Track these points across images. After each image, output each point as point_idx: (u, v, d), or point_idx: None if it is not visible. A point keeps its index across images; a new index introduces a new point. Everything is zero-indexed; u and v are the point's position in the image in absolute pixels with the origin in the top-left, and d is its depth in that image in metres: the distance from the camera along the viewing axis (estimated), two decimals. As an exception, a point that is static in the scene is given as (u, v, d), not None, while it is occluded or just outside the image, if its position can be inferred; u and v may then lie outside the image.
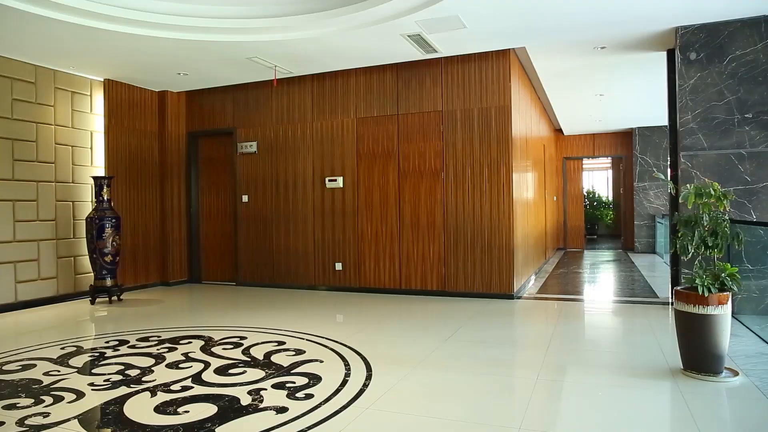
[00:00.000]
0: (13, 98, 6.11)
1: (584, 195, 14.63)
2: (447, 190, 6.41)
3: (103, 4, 4.94)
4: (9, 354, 4.15)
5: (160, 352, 4.12)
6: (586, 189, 16.25)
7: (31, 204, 6.26)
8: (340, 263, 6.95)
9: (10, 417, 2.85)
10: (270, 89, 7.37)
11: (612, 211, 16.14)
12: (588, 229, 15.56)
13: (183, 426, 2.68)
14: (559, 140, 12.84)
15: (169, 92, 7.80)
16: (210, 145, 8.02)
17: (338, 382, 3.34)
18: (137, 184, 7.46)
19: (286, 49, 5.95)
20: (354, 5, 5.05)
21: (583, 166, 13.52)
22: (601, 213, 16.02)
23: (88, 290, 6.58)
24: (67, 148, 6.66)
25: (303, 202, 7.19)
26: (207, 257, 8.04)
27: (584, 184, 14.68)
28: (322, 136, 7.09)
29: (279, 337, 4.54)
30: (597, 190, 17.04)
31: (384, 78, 6.71)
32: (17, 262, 6.10)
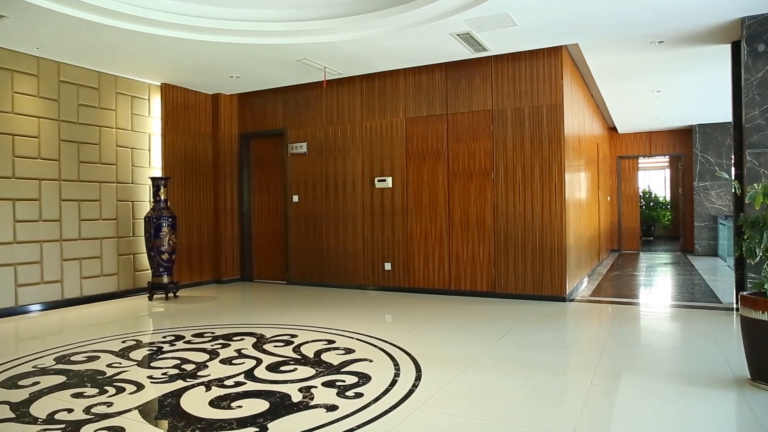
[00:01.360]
0: (79, 103, 6.41)
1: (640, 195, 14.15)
2: (497, 189, 6.33)
3: (160, 11, 5.12)
4: (76, 345, 4.36)
5: (214, 347, 4.23)
6: (642, 189, 15.71)
7: (94, 204, 6.55)
8: (389, 263, 6.97)
9: (78, 405, 2.99)
10: (320, 90, 7.46)
11: (670, 211, 15.55)
12: (644, 231, 15.04)
13: (236, 420, 2.74)
14: (613, 139, 12.46)
15: (222, 95, 8.01)
16: (261, 146, 8.18)
17: (388, 381, 3.35)
18: (192, 184, 7.70)
19: (335, 50, 6.01)
20: (402, 5, 5.05)
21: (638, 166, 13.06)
22: (658, 214, 15.45)
23: (146, 287, 6.83)
24: (127, 150, 6.94)
25: (352, 202, 7.25)
26: (258, 256, 8.21)
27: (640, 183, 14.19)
28: (371, 136, 7.13)
29: (329, 336, 4.58)
30: (653, 190, 16.43)
31: (433, 77, 6.69)
32: (82, 258, 6.40)
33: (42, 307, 6.00)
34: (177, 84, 7.44)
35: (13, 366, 3.82)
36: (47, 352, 4.17)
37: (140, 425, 2.71)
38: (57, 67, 6.20)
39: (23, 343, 4.68)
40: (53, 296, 6.13)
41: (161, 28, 5.30)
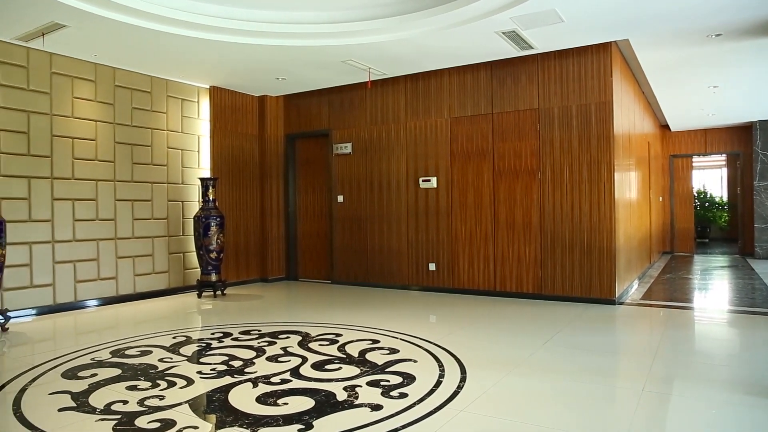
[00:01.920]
0: (133, 107, 6.64)
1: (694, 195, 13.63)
2: (544, 189, 6.21)
3: (209, 16, 5.25)
4: (130, 340, 4.52)
5: (260, 345, 4.31)
6: (697, 189, 15.13)
7: (146, 203, 6.78)
8: (433, 263, 6.94)
9: (132, 397, 3.10)
10: (364, 91, 7.50)
11: (727, 212, 14.92)
12: (698, 232, 14.47)
13: (283, 417, 2.78)
14: (665, 137, 12.05)
15: (269, 97, 8.15)
16: (307, 146, 8.29)
17: (432, 382, 3.33)
18: (239, 184, 7.86)
19: (380, 51, 6.02)
20: (447, 4, 5.02)
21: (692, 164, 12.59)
22: (714, 215, 14.85)
23: (195, 284, 7.02)
24: (177, 152, 7.15)
25: (397, 202, 7.25)
26: (303, 255, 8.31)
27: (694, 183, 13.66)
28: (415, 136, 7.12)
29: (373, 336, 4.60)
30: (709, 189, 15.79)
31: (478, 76, 6.62)
32: (135, 256, 6.64)
33: (98, 303, 6.25)
34: (225, 86, 7.62)
35: (73, 357, 3.99)
36: (103, 346, 4.33)
37: (190, 419, 2.78)
38: (113, 72, 6.44)
39: (82, 336, 4.88)
40: (108, 292, 6.37)
41: (210, 33, 5.44)
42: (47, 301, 5.83)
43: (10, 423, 2.79)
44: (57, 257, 5.91)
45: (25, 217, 5.65)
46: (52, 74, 5.91)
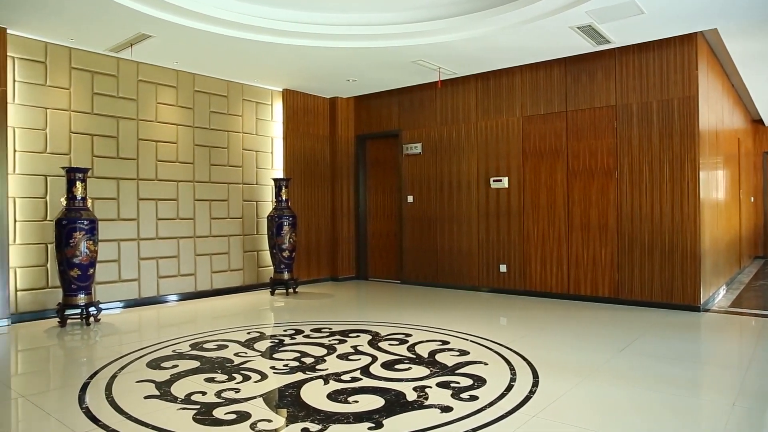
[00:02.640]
0: (211, 111, 6.93)
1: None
2: (621, 189, 5.96)
3: (282, 21, 5.40)
4: (207, 334, 4.71)
5: (331, 343, 4.38)
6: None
7: (223, 203, 7.05)
8: (504, 265, 6.81)
9: (210, 389, 3.23)
10: (434, 91, 7.47)
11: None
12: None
13: (353, 414, 2.81)
14: (758, 132, 11.26)
15: (339, 98, 8.28)
16: (377, 147, 8.35)
17: (503, 386, 3.26)
18: (311, 185, 8.03)
19: (450, 50, 5.98)
20: (518, 1, 4.92)
21: (788, 162, 11.68)
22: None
23: (268, 282, 7.23)
24: (252, 153, 7.39)
25: (467, 202, 7.17)
26: (373, 255, 8.38)
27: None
28: (486, 135, 7.01)
29: (443, 337, 4.56)
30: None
31: (551, 74, 6.44)
32: (212, 254, 6.92)
33: (178, 298, 6.56)
34: (297, 89, 7.81)
35: (157, 349, 4.21)
36: (183, 339, 4.54)
37: (264, 412, 2.86)
38: (192, 78, 6.75)
39: (164, 329, 5.14)
40: (188, 288, 6.67)
41: (283, 37, 5.59)
42: (133, 295, 6.18)
43: (103, 406, 2.97)
44: (142, 254, 6.26)
45: (114, 216, 6.02)
46: (139, 82, 6.26)
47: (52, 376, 3.84)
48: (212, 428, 2.65)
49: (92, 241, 5.24)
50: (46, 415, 2.92)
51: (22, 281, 5.40)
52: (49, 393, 3.33)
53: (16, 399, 3.22)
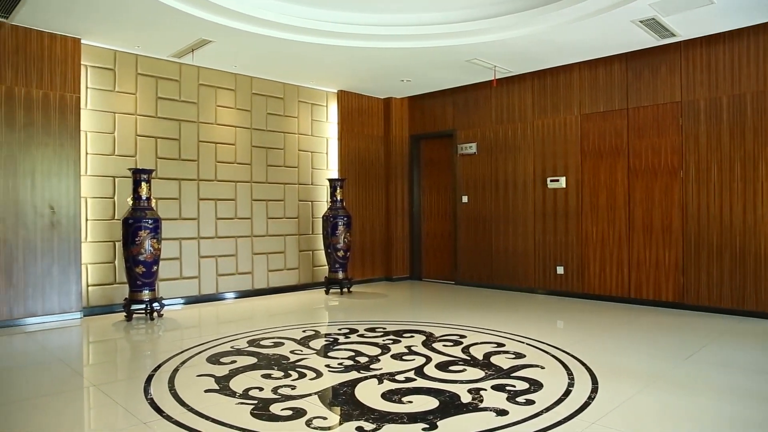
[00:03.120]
0: (268, 112, 7.09)
1: None
2: (686, 189, 5.70)
3: (336, 23, 5.46)
4: (264, 331, 4.82)
5: (385, 342, 4.39)
6: None
7: (279, 203, 7.20)
8: (561, 266, 6.65)
9: (267, 385, 3.30)
10: (489, 90, 7.37)
11: None
12: None
13: (407, 415, 2.80)
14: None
15: (394, 98, 8.29)
16: (431, 146, 8.32)
17: (561, 391, 3.18)
18: (365, 185, 8.08)
19: (505, 48, 5.88)
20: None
21: None
22: None
23: (323, 281, 7.32)
24: (307, 154, 7.51)
25: (523, 202, 7.04)
26: (427, 255, 8.35)
27: None
28: (543, 134, 6.86)
29: (498, 339, 4.49)
30: None
31: (611, 70, 6.23)
32: (269, 253, 7.07)
33: (235, 295, 6.74)
34: (352, 90, 7.88)
35: (216, 344, 4.33)
36: (241, 335, 4.66)
37: (319, 409, 2.90)
38: (250, 81, 6.92)
39: (222, 325, 5.29)
40: (245, 286, 6.85)
41: (338, 39, 5.65)
42: (193, 292, 6.39)
43: (166, 398, 3.09)
44: (202, 252, 6.47)
45: (176, 216, 6.25)
46: (199, 86, 6.47)
47: (120, 367, 4.02)
48: (269, 423, 2.71)
49: (156, 240, 5.46)
50: (114, 404, 3.06)
51: (93, 277, 5.69)
52: (116, 383, 3.49)
53: (88, 387, 3.39)
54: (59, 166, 5.34)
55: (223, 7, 4.86)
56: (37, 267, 5.21)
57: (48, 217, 5.27)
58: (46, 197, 5.27)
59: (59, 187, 5.34)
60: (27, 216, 5.17)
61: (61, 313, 5.33)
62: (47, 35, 5.28)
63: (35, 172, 5.22)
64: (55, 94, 5.33)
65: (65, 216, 5.37)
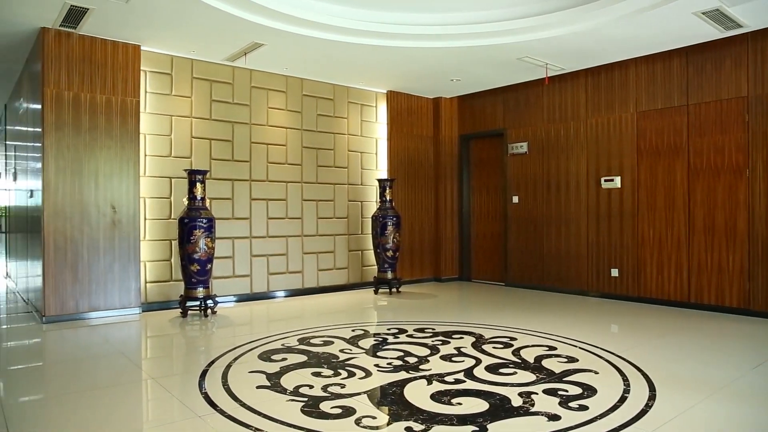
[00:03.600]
0: (318, 114, 7.17)
1: None
2: (753, 189, 5.42)
3: (386, 23, 5.47)
4: (314, 330, 4.88)
5: (434, 343, 4.36)
6: None
7: (329, 203, 7.27)
8: (616, 269, 6.44)
9: (317, 383, 3.34)
10: (541, 88, 7.22)
11: None
12: None
13: (457, 417, 2.78)
14: None
15: (443, 98, 8.25)
16: (481, 146, 8.23)
17: (615, 397, 3.08)
18: (414, 185, 8.07)
19: (557, 45, 5.75)
20: (636, -12, 4.63)
21: None
22: None
23: (372, 281, 7.35)
24: (356, 154, 7.56)
25: (576, 203, 6.87)
26: (477, 256, 8.26)
27: None
28: (597, 133, 6.67)
29: (549, 342, 4.40)
30: None
31: (669, 65, 5.99)
32: (319, 253, 7.16)
33: (285, 294, 6.85)
34: (401, 90, 7.88)
35: (267, 342, 4.42)
36: (291, 333, 4.73)
37: (368, 408, 2.91)
38: (300, 83, 7.02)
39: (273, 323, 5.39)
40: (295, 285, 6.95)
41: (388, 39, 5.66)
42: (245, 290, 6.54)
43: (219, 393, 3.17)
44: (254, 251, 6.60)
45: (228, 215, 6.41)
46: (252, 88, 6.62)
47: (176, 362, 4.15)
48: (319, 421, 2.73)
49: (210, 239, 5.61)
50: (170, 397, 3.16)
51: (151, 274, 5.90)
52: (172, 377, 3.61)
53: (146, 380, 3.52)
54: (120, 167, 5.57)
55: (275, 11, 4.95)
56: (99, 264, 5.45)
57: (110, 216, 5.51)
58: (108, 197, 5.50)
59: (120, 187, 5.57)
60: (91, 215, 5.41)
61: (121, 308, 5.55)
62: (110, 43, 5.51)
63: (98, 173, 5.46)
64: (117, 99, 5.55)
65: (125, 215, 5.60)
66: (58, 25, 5.12)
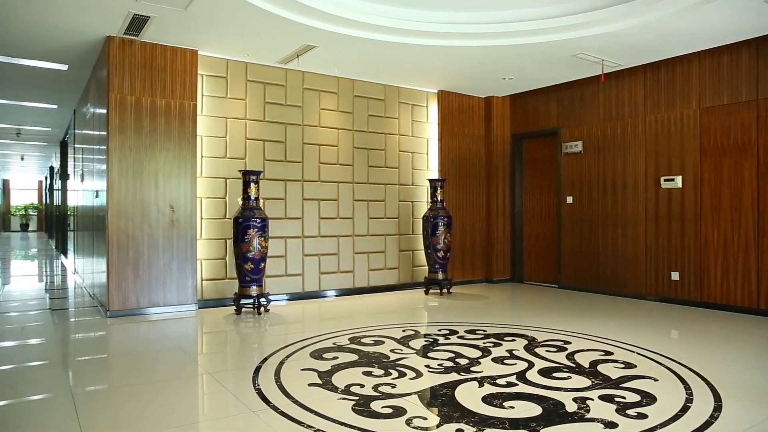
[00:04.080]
0: (369, 114, 7.21)
1: None
2: (828, 189, 5.09)
3: (437, 23, 5.43)
4: (364, 329, 4.90)
5: (485, 345, 4.30)
6: None
7: (380, 204, 7.30)
8: (676, 272, 6.18)
9: (368, 382, 3.35)
10: (597, 85, 7.02)
11: None
12: None
13: (509, 420, 2.73)
14: None
15: (495, 97, 8.13)
16: (533, 146, 8.07)
17: (677, 406, 2.95)
18: (465, 185, 7.99)
19: (614, 40, 5.57)
20: (700, -22, 4.43)
21: None
22: None
23: (423, 281, 7.33)
24: (407, 155, 7.55)
25: (633, 203, 6.63)
26: (529, 257, 8.11)
27: None
28: (656, 131, 6.42)
29: (605, 346, 4.26)
30: None
31: (737, 57, 5.70)
32: (370, 253, 7.19)
33: (336, 293, 6.91)
34: (452, 90, 7.82)
35: (318, 340, 4.47)
36: (342, 332, 4.77)
37: (419, 409, 2.89)
38: (352, 84, 7.07)
39: (324, 322, 5.45)
40: (346, 284, 7.01)
41: (440, 39, 5.63)
42: (297, 289, 6.64)
43: (272, 389, 3.23)
44: (305, 251, 6.70)
45: (281, 215, 6.52)
46: (304, 90, 6.72)
47: (230, 358, 4.26)
48: (370, 420, 2.74)
49: (263, 238, 5.72)
50: (225, 391, 3.24)
51: (207, 272, 6.08)
52: (227, 372, 3.70)
53: (202, 375, 3.62)
54: (178, 168, 5.76)
55: (327, 13, 5.00)
56: (159, 262, 5.65)
57: (168, 215, 5.71)
58: (167, 197, 5.70)
59: (178, 187, 5.76)
60: (151, 214, 5.63)
61: (178, 305, 5.74)
62: (169, 49, 5.72)
63: (158, 174, 5.66)
64: (176, 102, 5.75)
65: (183, 215, 5.79)
66: (122, 33, 5.34)
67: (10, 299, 6.84)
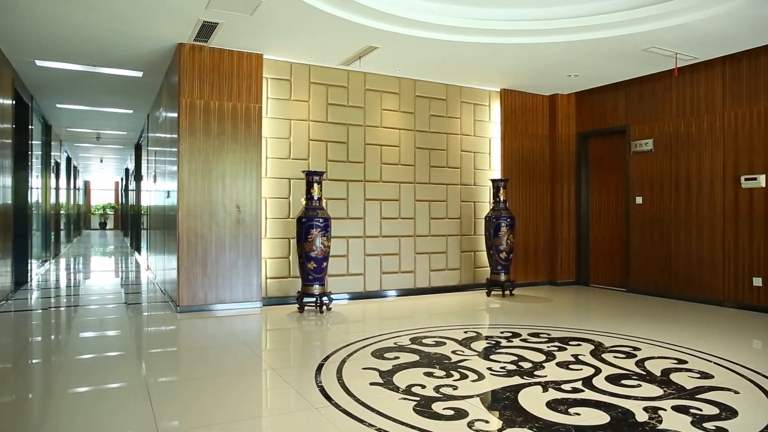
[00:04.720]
0: (430, 114, 7.18)
1: None
2: None
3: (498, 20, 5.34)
4: (426, 330, 4.88)
5: (550, 349, 4.19)
6: None
7: (441, 204, 7.25)
8: (759, 278, 5.81)
9: (429, 383, 3.33)
10: (669, 80, 6.70)
11: None
12: None
13: (575, 428, 2.64)
14: None
15: (559, 95, 7.92)
16: (600, 144, 7.80)
17: (762, 422, 2.76)
18: (529, 185, 7.82)
19: (689, 32, 5.29)
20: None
21: None
22: None
23: (485, 283, 7.22)
24: (469, 155, 7.47)
25: (709, 204, 6.28)
26: (595, 260, 7.85)
27: None
28: (735, 127, 6.06)
29: (678, 354, 4.06)
30: None
31: (829, 48, 5.30)
32: (431, 253, 7.16)
33: (397, 293, 6.92)
34: (514, 88, 7.67)
35: (380, 340, 4.49)
36: (403, 333, 4.77)
37: (481, 412, 2.85)
38: (413, 84, 7.06)
39: (385, 321, 5.46)
40: (407, 284, 7.00)
41: (502, 37, 5.53)
42: (358, 288, 6.69)
43: (334, 387, 3.26)
44: (367, 250, 6.74)
45: (343, 215, 6.60)
46: (366, 91, 6.77)
47: (293, 355, 4.34)
48: (432, 421, 2.72)
49: (326, 238, 5.80)
50: (288, 387, 3.30)
51: (271, 270, 6.23)
52: (290, 369, 3.77)
53: (266, 370, 3.71)
54: (244, 169, 5.94)
55: (388, 14, 5.02)
56: (225, 259, 5.84)
57: (235, 215, 5.89)
58: (233, 197, 5.89)
59: (244, 188, 5.94)
60: (218, 214, 5.82)
61: (244, 302, 5.92)
62: (236, 53, 5.90)
63: (225, 174, 5.86)
64: (242, 105, 5.93)
65: (249, 214, 5.95)
66: (192, 40, 5.56)
67: (91, 293, 7.25)
